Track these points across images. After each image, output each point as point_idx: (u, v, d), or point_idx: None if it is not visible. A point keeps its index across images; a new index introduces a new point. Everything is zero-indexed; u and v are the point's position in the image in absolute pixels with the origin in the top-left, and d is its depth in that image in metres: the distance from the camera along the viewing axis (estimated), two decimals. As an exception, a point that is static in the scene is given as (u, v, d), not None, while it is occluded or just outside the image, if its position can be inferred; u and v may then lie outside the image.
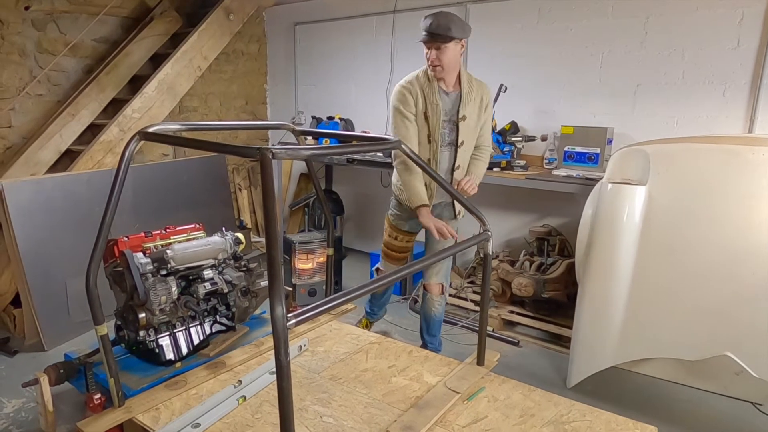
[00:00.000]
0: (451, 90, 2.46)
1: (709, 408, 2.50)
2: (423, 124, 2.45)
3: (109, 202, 1.70)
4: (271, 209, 1.27)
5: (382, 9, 4.37)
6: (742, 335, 2.19)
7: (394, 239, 2.75)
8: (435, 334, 2.88)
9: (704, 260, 2.24)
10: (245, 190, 5.38)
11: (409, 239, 2.75)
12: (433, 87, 2.42)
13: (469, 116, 2.45)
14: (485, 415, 1.82)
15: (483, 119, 2.53)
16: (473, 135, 2.52)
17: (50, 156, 3.55)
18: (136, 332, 2.06)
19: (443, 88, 2.44)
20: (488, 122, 2.59)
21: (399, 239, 2.74)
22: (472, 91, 2.46)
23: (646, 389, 2.65)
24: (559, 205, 3.59)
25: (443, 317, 2.87)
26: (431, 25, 2.30)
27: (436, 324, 2.84)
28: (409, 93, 2.42)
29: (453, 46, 2.33)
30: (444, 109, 2.44)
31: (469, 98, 2.44)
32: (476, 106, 2.47)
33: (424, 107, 2.42)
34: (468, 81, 2.47)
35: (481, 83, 2.53)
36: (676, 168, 2.35)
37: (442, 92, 2.44)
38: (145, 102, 3.68)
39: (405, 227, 2.71)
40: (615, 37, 3.33)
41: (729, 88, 3.02)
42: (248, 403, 1.87)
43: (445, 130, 2.46)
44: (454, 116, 2.45)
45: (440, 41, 2.29)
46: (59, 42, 3.87)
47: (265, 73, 5.47)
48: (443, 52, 2.31)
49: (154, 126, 1.78)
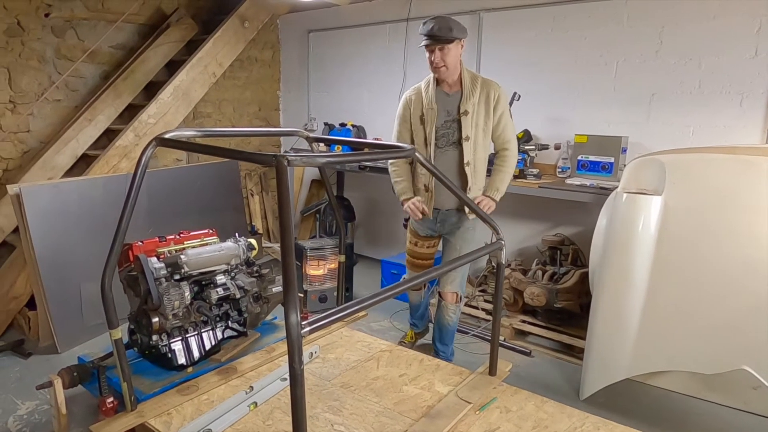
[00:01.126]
0: (452, 91, 2.52)
1: (726, 423, 2.45)
2: (419, 127, 2.56)
3: (125, 206, 1.71)
4: (286, 217, 1.27)
5: (395, 17, 4.39)
6: (759, 349, 2.15)
7: (414, 245, 2.80)
8: (448, 343, 2.87)
9: (720, 272, 2.21)
10: (257, 196, 5.40)
11: (429, 244, 2.76)
12: (432, 92, 2.52)
13: (472, 111, 2.47)
14: (498, 426, 1.81)
15: (496, 117, 2.52)
16: (481, 131, 2.51)
17: (67, 160, 3.60)
18: (149, 336, 2.07)
19: (445, 90, 2.52)
20: (505, 122, 2.55)
21: (419, 245, 2.78)
22: (476, 88, 2.48)
23: (660, 402, 2.61)
24: (573, 214, 3.57)
25: (457, 327, 2.87)
26: (433, 28, 2.38)
27: (450, 333, 2.84)
28: (407, 101, 2.60)
29: (454, 47, 2.41)
30: (445, 110, 2.50)
31: (472, 94, 2.47)
32: (482, 102, 2.48)
33: (420, 112, 2.55)
34: (471, 78, 2.51)
35: (488, 81, 2.53)
36: (691, 178, 2.32)
37: (442, 95, 2.51)
38: (161, 108, 3.73)
39: (422, 232, 2.74)
40: (630, 46, 3.31)
41: (746, 98, 2.98)
42: (259, 410, 1.87)
43: (449, 130, 2.51)
44: (455, 113, 2.50)
45: (443, 42, 2.38)
46: (78, 48, 3.93)
47: (278, 80, 5.52)
48: (446, 53, 2.40)
49: (170, 132, 1.80)
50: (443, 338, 2.85)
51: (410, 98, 2.59)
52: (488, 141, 2.57)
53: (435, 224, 2.67)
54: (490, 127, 2.54)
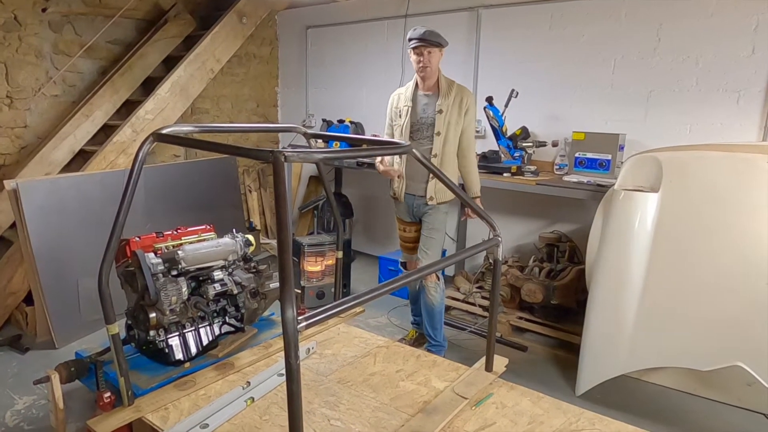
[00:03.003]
0: (430, 92, 2.81)
1: (721, 419, 2.47)
2: (397, 120, 2.87)
3: (122, 202, 1.71)
4: (283, 212, 1.27)
5: (393, 13, 4.39)
6: (754, 345, 2.16)
7: (403, 231, 3.07)
8: (437, 327, 2.96)
9: (716, 269, 2.21)
10: (255, 192, 5.40)
11: (414, 228, 3.00)
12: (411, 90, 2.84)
13: (446, 111, 2.75)
14: (493, 421, 1.81)
15: (465, 121, 2.80)
16: (452, 131, 2.78)
17: (64, 156, 3.60)
18: (147, 332, 2.07)
19: (424, 91, 2.82)
20: (470, 126, 2.84)
21: (406, 230, 3.04)
22: (451, 91, 2.77)
23: (656, 399, 2.62)
24: (570, 211, 3.57)
25: (443, 307, 2.98)
26: (424, 33, 2.68)
27: (436, 314, 2.93)
28: (392, 98, 2.92)
29: (438, 52, 2.72)
30: (422, 107, 2.81)
31: (448, 95, 2.76)
32: (456, 105, 2.76)
33: (400, 107, 2.87)
34: (447, 83, 2.80)
35: (462, 87, 2.81)
36: (688, 176, 2.33)
37: (419, 94, 2.82)
38: (158, 103, 3.72)
39: (405, 218, 2.99)
40: (628, 43, 3.32)
41: (743, 96, 2.99)
42: (256, 405, 1.88)
43: (423, 125, 2.80)
44: (431, 112, 2.78)
45: (431, 46, 2.68)
46: (75, 44, 3.92)
47: (276, 76, 5.51)
48: (432, 56, 2.70)
49: (168, 128, 1.80)
50: (432, 321, 2.96)
51: (395, 96, 2.92)
52: (457, 139, 2.81)
53: (411, 210, 2.94)
54: (461, 127, 2.79)
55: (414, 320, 3.25)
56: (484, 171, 3.40)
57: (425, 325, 3.00)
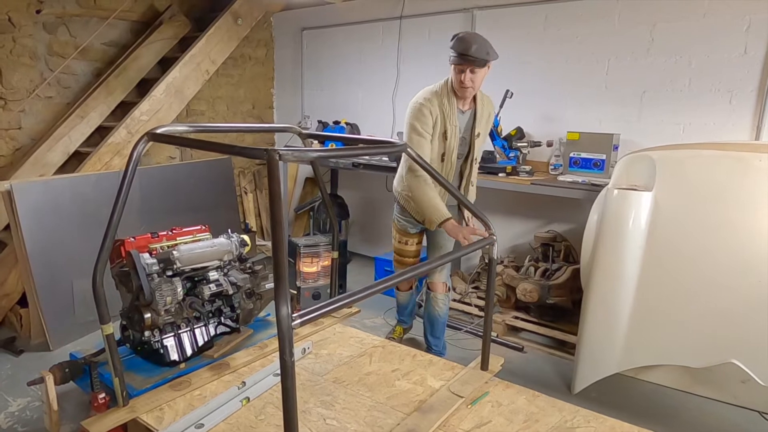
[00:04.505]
0: (466, 108, 2.53)
1: (716, 417, 2.47)
2: (440, 142, 2.47)
3: (117, 202, 1.71)
4: (277, 210, 1.28)
5: (388, 15, 4.40)
6: (748, 343, 2.17)
7: (405, 244, 2.78)
8: (439, 336, 2.89)
9: (710, 267, 2.23)
10: (251, 194, 5.39)
11: (418, 240, 2.79)
12: (453, 106, 2.44)
13: (483, 132, 2.58)
14: (489, 420, 1.82)
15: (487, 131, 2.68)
16: (479, 150, 2.65)
17: (59, 157, 3.59)
18: (141, 332, 2.07)
19: (460, 107, 2.49)
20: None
21: (409, 243, 2.77)
22: (484, 109, 2.56)
23: (651, 397, 2.63)
24: (565, 211, 3.59)
25: (447, 317, 2.88)
26: (470, 48, 2.29)
27: (440, 325, 2.85)
28: (429, 112, 2.42)
29: (485, 70, 2.40)
30: (459, 127, 2.50)
31: (482, 116, 2.55)
32: (486, 123, 2.61)
33: (443, 127, 2.44)
34: (480, 99, 2.54)
35: (486, 98, 2.62)
36: (681, 174, 2.34)
37: (459, 111, 2.50)
38: (154, 105, 3.72)
39: (412, 229, 2.74)
40: (621, 44, 3.33)
41: (736, 96, 3.01)
42: (252, 405, 1.87)
43: (461, 149, 2.55)
44: (468, 133, 2.55)
45: (478, 65, 2.33)
46: (69, 45, 3.91)
47: (272, 78, 5.51)
48: (477, 75, 2.36)
49: (163, 127, 1.79)
50: (434, 331, 2.86)
51: (434, 111, 2.43)
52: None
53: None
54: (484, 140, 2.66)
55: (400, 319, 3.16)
56: (480, 171, 3.40)
57: (426, 333, 2.92)
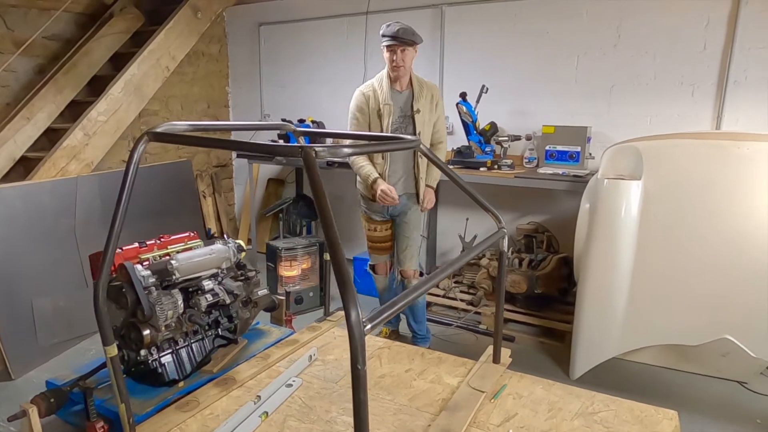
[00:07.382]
0: (404, 89, 2.78)
1: (702, 390, 2.64)
2: (376, 121, 2.76)
3: (118, 209, 1.56)
4: (325, 210, 1.19)
5: (354, 10, 4.32)
6: (739, 319, 2.32)
7: (374, 231, 2.95)
8: (421, 320, 3.01)
9: (700, 249, 2.35)
10: (209, 197, 5.13)
11: (385, 227, 2.94)
12: (387, 89, 2.74)
13: (423, 109, 2.76)
14: (515, 412, 1.81)
15: (436, 115, 2.84)
16: (428, 128, 2.82)
17: (3, 163, 3.22)
18: (138, 351, 1.89)
19: (397, 89, 2.76)
20: (442, 120, 2.90)
21: (378, 230, 2.94)
22: (423, 89, 2.78)
23: (641, 375, 2.75)
24: (542, 202, 3.68)
25: (425, 302, 3.09)
26: (398, 30, 2.63)
27: (420, 309, 2.99)
28: (363, 96, 2.77)
29: (412, 51, 2.69)
30: (398, 107, 2.75)
31: (421, 94, 2.76)
32: (427, 102, 2.79)
33: (377, 107, 2.74)
34: (418, 81, 2.80)
35: (430, 84, 2.85)
36: (666, 163, 2.46)
37: (395, 92, 2.76)
38: (111, 104, 3.43)
39: (377, 217, 2.90)
40: (590, 40, 3.46)
41: (697, 89, 3.21)
42: (272, 420, 1.76)
43: (402, 125, 2.77)
44: (408, 111, 2.76)
45: (405, 44, 2.64)
46: (7, 39, 3.53)
47: (226, 75, 5.27)
48: (406, 55, 2.66)
49: (162, 126, 1.66)
50: (416, 316, 2.99)
51: (367, 94, 2.78)
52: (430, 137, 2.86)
53: (387, 208, 2.86)
54: (432, 123, 2.84)
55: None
56: (461, 166, 3.42)
57: (409, 321, 3.03)
